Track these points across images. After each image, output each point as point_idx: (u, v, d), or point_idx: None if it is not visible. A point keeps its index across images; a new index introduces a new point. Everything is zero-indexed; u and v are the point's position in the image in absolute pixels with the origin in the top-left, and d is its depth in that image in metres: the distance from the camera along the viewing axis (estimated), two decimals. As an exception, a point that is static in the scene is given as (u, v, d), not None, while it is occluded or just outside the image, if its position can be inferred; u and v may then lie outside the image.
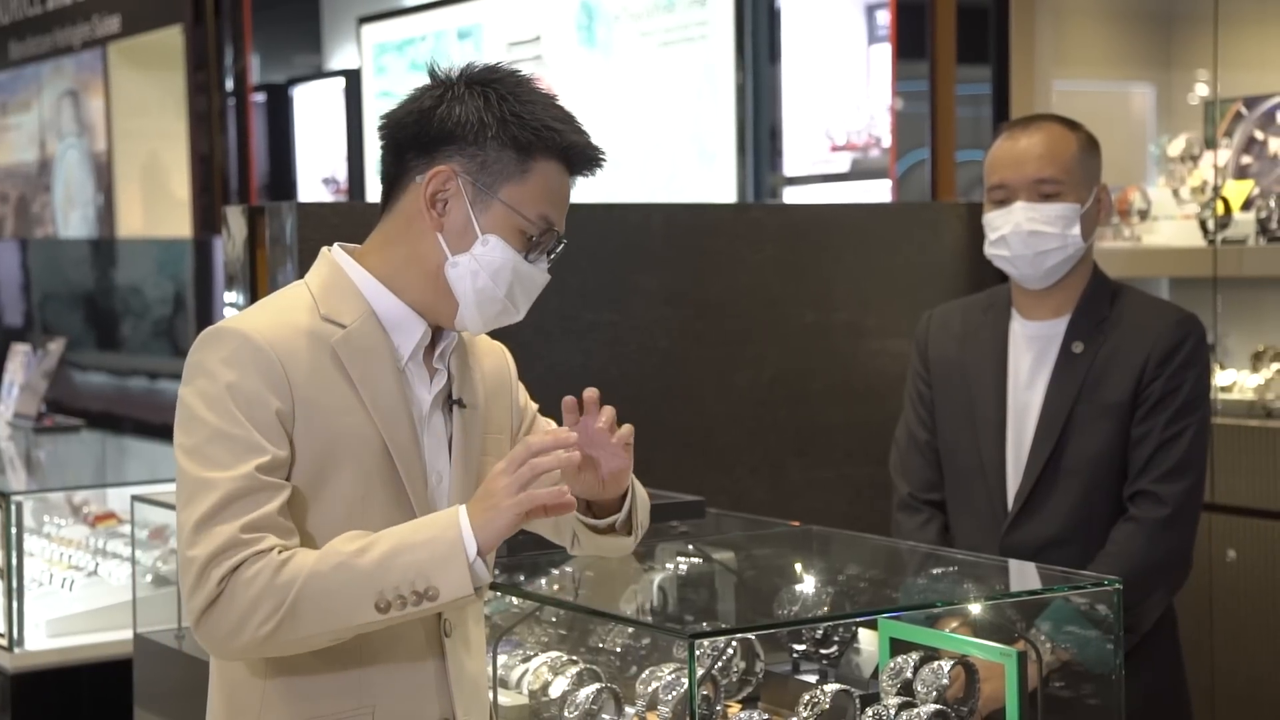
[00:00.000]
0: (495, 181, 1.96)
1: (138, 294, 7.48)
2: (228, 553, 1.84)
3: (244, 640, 1.84)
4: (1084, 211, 2.79)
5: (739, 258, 3.73)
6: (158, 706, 3.29)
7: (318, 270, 2.03)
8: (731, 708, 2.40)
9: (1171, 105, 5.01)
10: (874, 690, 2.39)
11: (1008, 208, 2.79)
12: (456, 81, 1.98)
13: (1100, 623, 2.32)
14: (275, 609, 1.83)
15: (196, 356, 1.94)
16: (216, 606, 1.84)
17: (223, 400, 1.89)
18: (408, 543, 1.86)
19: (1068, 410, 2.77)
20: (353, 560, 1.84)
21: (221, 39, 7.32)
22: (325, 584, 1.83)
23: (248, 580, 1.83)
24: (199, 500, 1.87)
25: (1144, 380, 2.75)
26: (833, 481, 3.84)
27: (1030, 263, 2.79)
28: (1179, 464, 2.72)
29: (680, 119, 5.70)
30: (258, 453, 1.88)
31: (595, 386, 1.99)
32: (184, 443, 1.92)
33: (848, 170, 5.28)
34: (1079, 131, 2.86)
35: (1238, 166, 4.73)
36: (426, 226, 1.97)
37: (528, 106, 1.96)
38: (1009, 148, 2.82)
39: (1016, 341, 2.87)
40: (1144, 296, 2.91)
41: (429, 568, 1.85)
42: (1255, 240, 4.31)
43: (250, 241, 3.34)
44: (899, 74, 4.94)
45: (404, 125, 1.99)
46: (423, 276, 1.98)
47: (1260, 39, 4.71)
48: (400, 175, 2.00)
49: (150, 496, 3.62)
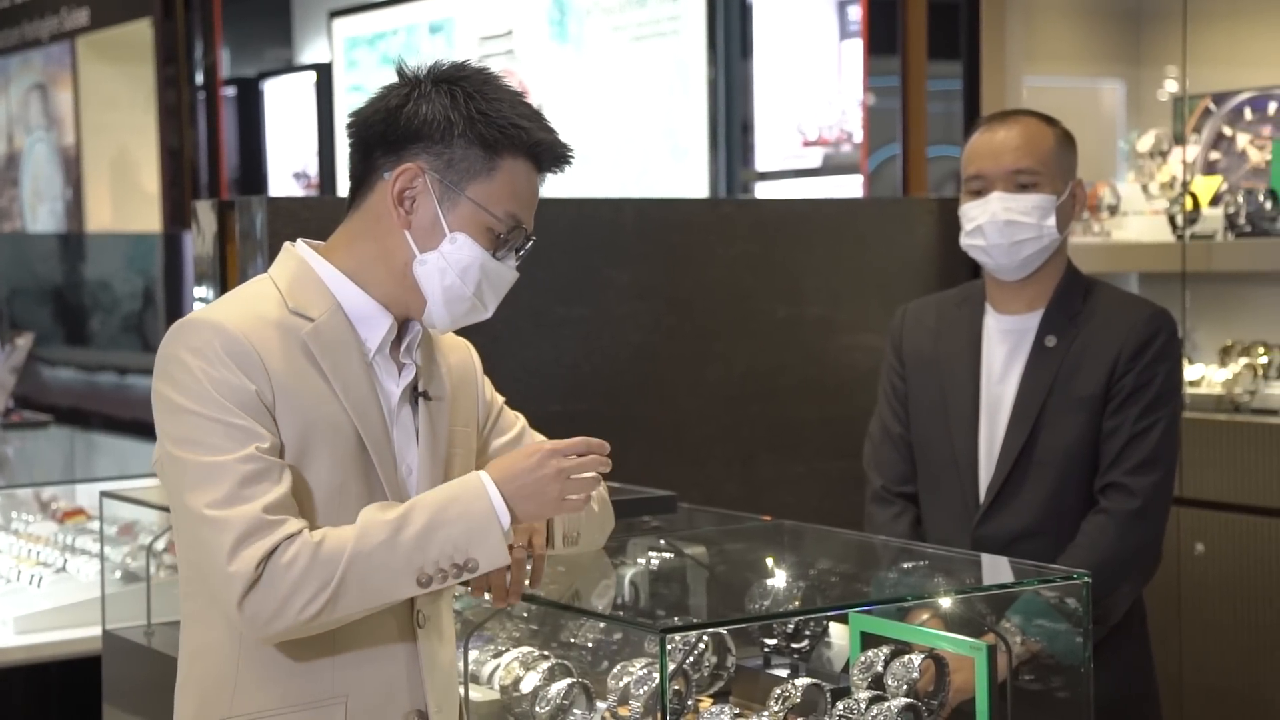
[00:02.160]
0: (462, 179, 1.97)
1: (107, 289, 7.44)
2: (256, 535, 1.84)
3: (287, 622, 1.85)
4: (1059, 204, 2.82)
5: (711, 253, 3.73)
6: (127, 703, 3.28)
7: (283, 264, 2.03)
8: (703, 702, 2.40)
9: (1141, 101, 5.03)
10: (845, 684, 2.40)
11: (984, 198, 2.81)
12: (424, 79, 1.99)
13: (1069, 616, 2.33)
14: (320, 590, 1.84)
15: (170, 349, 1.93)
16: (257, 590, 1.83)
17: (204, 390, 1.89)
18: (442, 517, 1.88)
19: (1040, 403, 2.79)
20: (393, 538, 1.86)
21: (191, 32, 7.28)
22: (368, 563, 1.85)
23: (287, 563, 1.84)
24: (208, 486, 1.86)
25: (1116, 374, 2.77)
26: (804, 476, 3.84)
27: (1006, 252, 2.80)
28: (1149, 457, 2.74)
29: (652, 114, 5.70)
30: (254, 436, 1.88)
31: (566, 381, 2.01)
32: (174, 433, 1.90)
33: (819, 165, 5.29)
34: (1056, 126, 2.88)
35: (1206, 162, 4.76)
36: (394, 224, 1.98)
37: (494, 104, 1.97)
38: (987, 139, 2.84)
39: (990, 335, 2.89)
40: (1117, 291, 2.93)
41: (465, 541, 1.88)
42: (1223, 236, 4.34)
43: (220, 236, 3.33)
44: (870, 69, 4.95)
45: (371, 123, 2.00)
46: (390, 273, 1.99)
47: (1229, 36, 4.74)
48: (368, 173, 2.01)
49: (119, 492, 3.60)
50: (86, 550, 3.99)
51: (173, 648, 3.11)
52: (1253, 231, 4.27)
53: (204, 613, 1.97)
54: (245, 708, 1.95)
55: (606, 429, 3.61)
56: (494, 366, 2.22)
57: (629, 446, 3.62)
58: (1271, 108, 4.63)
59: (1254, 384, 4.28)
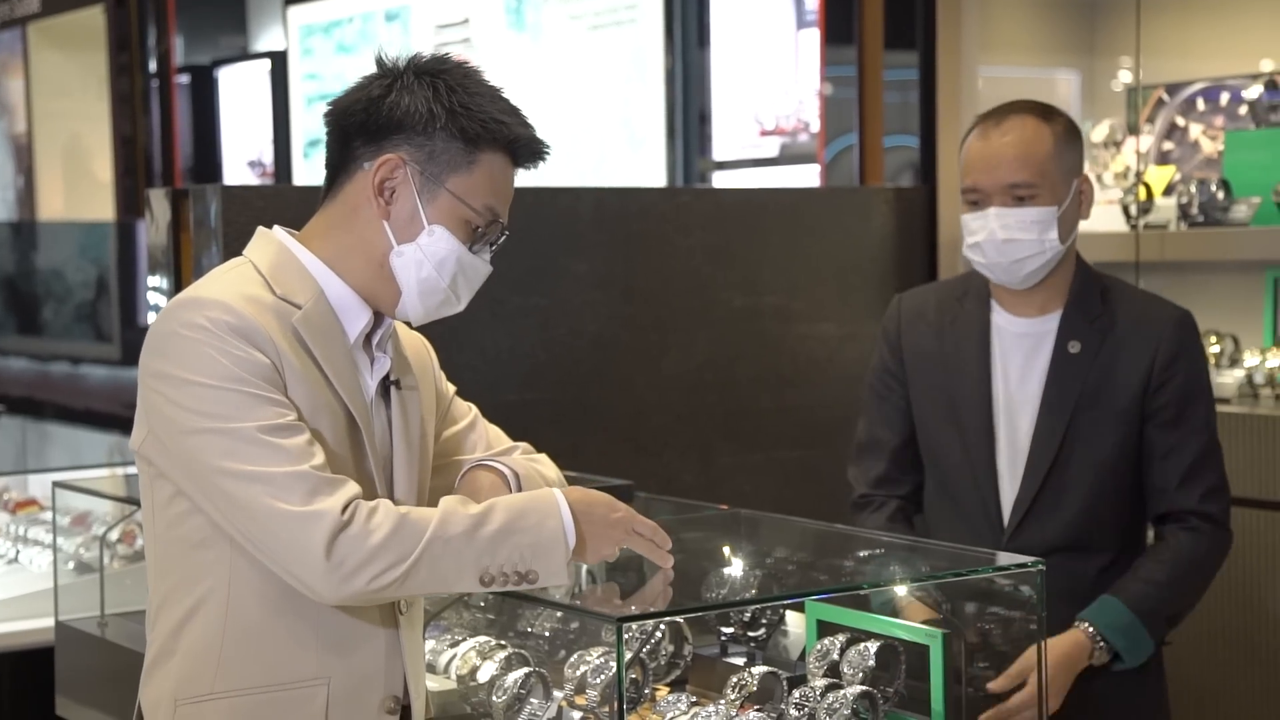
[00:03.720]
0: (443, 172, 1.97)
1: (59, 278, 7.38)
2: (326, 488, 1.84)
3: (361, 583, 1.84)
4: (1062, 212, 2.66)
5: (668, 242, 3.74)
6: (80, 694, 3.26)
7: (262, 249, 2.01)
8: (660, 691, 2.41)
9: (1095, 91, 5.06)
10: (801, 672, 2.41)
11: (982, 211, 2.66)
12: (405, 71, 1.99)
13: (1023, 603, 2.34)
14: (397, 562, 1.84)
15: (170, 326, 1.90)
16: (344, 538, 1.82)
17: (220, 363, 1.86)
18: (518, 524, 1.91)
19: (1068, 416, 2.66)
20: (472, 531, 1.88)
21: (144, 19, 7.23)
22: (445, 549, 1.87)
23: (375, 524, 1.83)
24: (248, 452, 1.84)
25: (1151, 387, 2.66)
26: (761, 465, 3.85)
27: (1006, 270, 2.67)
28: (1218, 483, 2.68)
29: (609, 103, 5.69)
30: (279, 404, 1.87)
31: (523, 371, 2.01)
32: (190, 408, 1.86)
33: (776, 155, 5.30)
34: (1055, 122, 2.70)
35: (1159, 152, 4.79)
36: (373, 214, 1.98)
37: (476, 99, 1.98)
38: (981, 148, 2.68)
39: (1003, 338, 2.73)
40: (1136, 292, 2.80)
41: (532, 553, 1.91)
42: (1176, 225, 4.37)
43: (174, 225, 3.31)
44: (827, 59, 4.96)
45: (351, 113, 2.00)
46: (367, 264, 1.99)
47: (1182, 26, 4.77)
48: (347, 162, 2.00)
49: (72, 483, 3.57)
50: (39, 541, 3.97)
51: (126, 638, 3.10)
52: (1205, 221, 4.31)
53: (187, 589, 1.94)
54: (228, 685, 1.94)
55: (563, 418, 3.62)
56: (451, 356, 2.22)
57: (586, 436, 3.63)
58: (1224, 98, 4.66)
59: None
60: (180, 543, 1.93)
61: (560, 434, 3.57)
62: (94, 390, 6.85)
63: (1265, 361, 4.21)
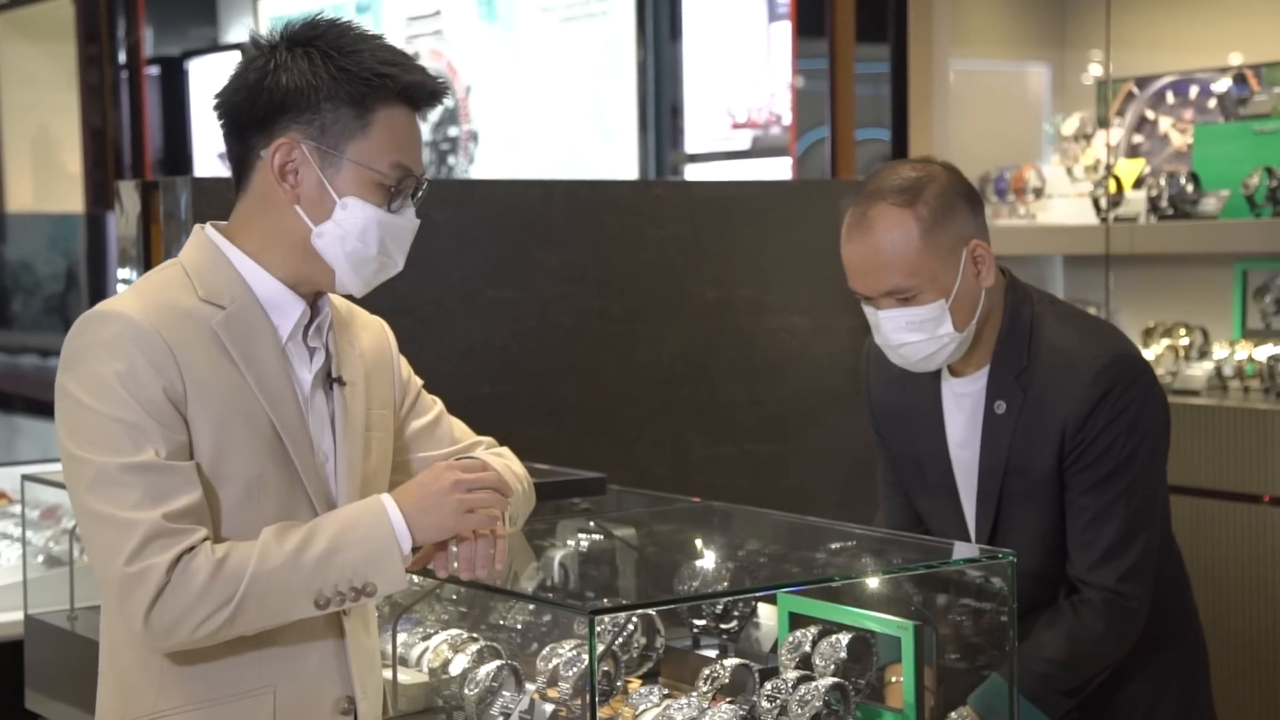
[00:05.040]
0: (339, 141, 1.92)
1: (28, 270, 7.34)
2: (159, 540, 1.81)
3: (184, 635, 1.83)
4: (954, 297, 2.41)
5: (640, 235, 3.73)
6: (49, 688, 3.24)
7: (193, 250, 1.98)
8: (632, 683, 2.41)
9: (1065, 85, 5.08)
10: (773, 664, 2.41)
11: (873, 310, 2.45)
12: (278, 46, 1.94)
13: (994, 595, 2.35)
14: (220, 606, 1.82)
15: (78, 342, 1.88)
16: (163, 599, 1.81)
17: (111, 388, 1.84)
18: (343, 541, 1.86)
19: (999, 483, 2.50)
20: (293, 559, 1.84)
21: (113, 10, 7.18)
22: (268, 584, 1.83)
23: (190, 575, 1.81)
24: (110, 487, 1.83)
25: (1066, 450, 2.44)
26: (734, 458, 3.86)
27: (913, 367, 2.49)
28: (1114, 544, 2.43)
29: (581, 95, 5.69)
30: (156, 439, 1.84)
31: (496, 363, 1.99)
32: (76, 431, 1.86)
33: (749, 148, 5.30)
34: (919, 204, 2.40)
35: (1129, 145, 4.81)
36: (283, 201, 1.94)
37: (353, 57, 1.92)
38: (850, 253, 2.44)
39: (948, 398, 2.57)
40: (1060, 334, 2.49)
41: (365, 566, 1.87)
42: (1146, 218, 4.39)
43: (144, 217, 3.29)
44: (799, 52, 4.96)
45: (235, 103, 1.95)
46: (291, 251, 1.95)
47: (1151, 20, 4.79)
48: (245, 154, 1.96)
49: (41, 476, 3.55)
50: (8, 534, 3.94)
51: (96, 632, 3.08)
52: (1175, 214, 4.33)
53: None
54: (171, 702, 1.92)
55: (536, 411, 3.62)
56: (423, 348, 2.21)
57: (558, 428, 3.62)
58: (1193, 91, 4.69)
59: (1176, 365, 4.34)
60: (93, 567, 1.89)
61: (533, 427, 3.56)
62: (63, 383, 6.79)
63: (1234, 354, 4.23)
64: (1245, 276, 4.44)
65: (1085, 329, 2.51)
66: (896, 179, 2.43)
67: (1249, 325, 4.43)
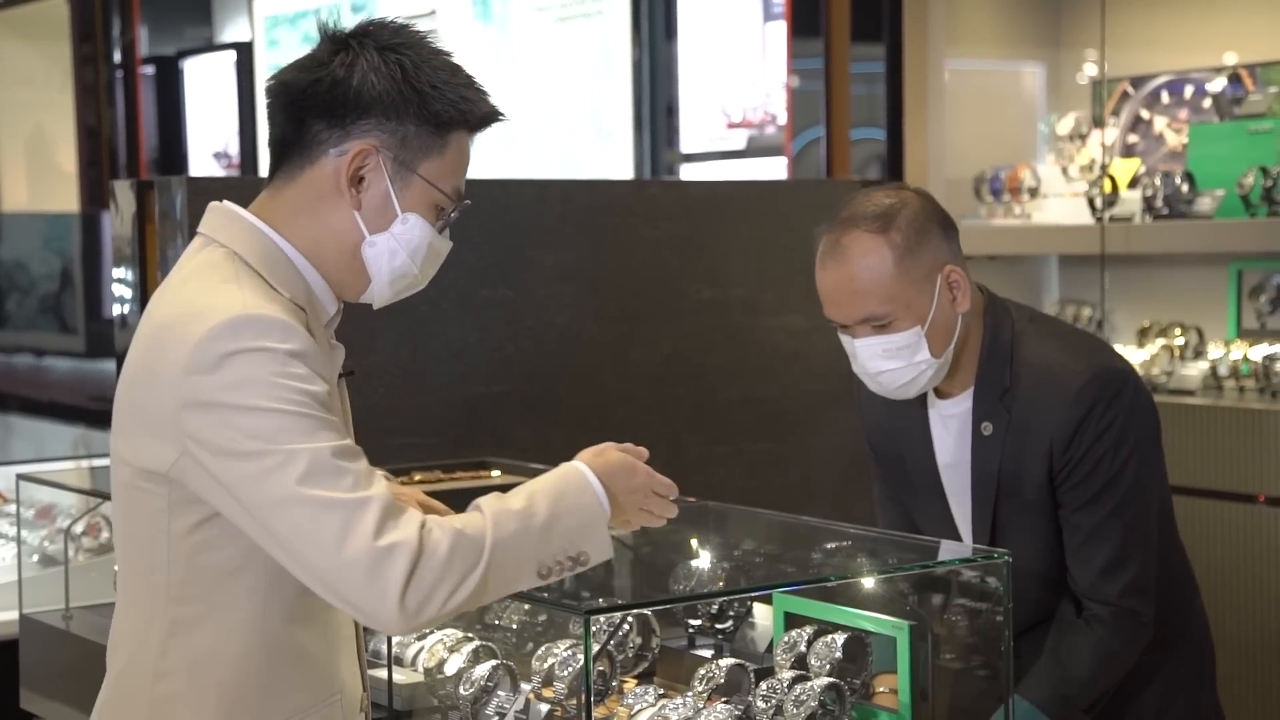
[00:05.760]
0: (415, 157, 1.89)
1: (23, 269, 7.34)
2: (397, 516, 1.73)
3: (433, 610, 1.73)
4: (930, 324, 2.39)
5: (636, 234, 3.74)
6: (45, 688, 3.24)
7: (247, 239, 1.89)
8: (628, 683, 2.41)
9: (1060, 84, 5.09)
10: (769, 664, 2.42)
11: (849, 339, 2.45)
12: (365, 47, 1.88)
13: (990, 595, 2.35)
14: (464, 576, 1.73)
15: (230, 346, 1.75)
16: (417, 572, 1.71)
17: (280, 387, 1.75)
18: (559, 509, 1.82)
19: (992, 505, 2.49)
20: (524, 527, 1.78)
21: (108, 10, 7.18)
22: (504, 554, 1.76)
23: (434, 546, 1.72)
24: (321, 477, 1.72)
25: (1054, 467, 2.43)
26: (729, 457, 3.86)
27: (893, 394, 2.48)
28: (1110, 562, 2.41)
29: (577, 95, 5.69)
30: (339, 426, 1.78)
31: (491, 363, 1.97)
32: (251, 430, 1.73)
33: (744, 147, 5.30)
34: (892, 231, 2.39)
35: (1124, 145, 4.82)
36: (342, 203, 1.89)
37: (441, 75, 1.89)
38: (824, 281, 2.45)
39: (935, 420, 2.55)
40: (1045, 348, 2.47)
41: (579, 534, 1.82)
42: (1141, 218, 4.39)
43: (139, 216, 3.29)
44: (794, 51, 4.97)
45: (310, 93, 1.87)
46: (339, 254, 1.90)
47: (1146, 20, 4.80)
48: (306, 145, 1.89)
49: (36, 475, 3.55)
50: (2, 534, 3.94)
51: (91, 631, 3.08)
52: (1170, 214, 4.33)
53: (213, 618, 1.83)
54: (280, 712, 1.86)
55: (531, 410, 3.62)
56: (418, 348, 2.20)
57: (553, 428, 3.62)
58: (1188, 91, 4.69)
59: (1171, 365, 4.34)
60: (209, 570, 1.82)
61: (527, 426, 3.56)
62: (58, 382, 6.80)
63: (1229, 353, 4.24)
64: (1240, 276, 4.45)
65: (1066, 345, 2.49)
66: (870, 206, 2.43)
67: (1244, 325, 4.44)
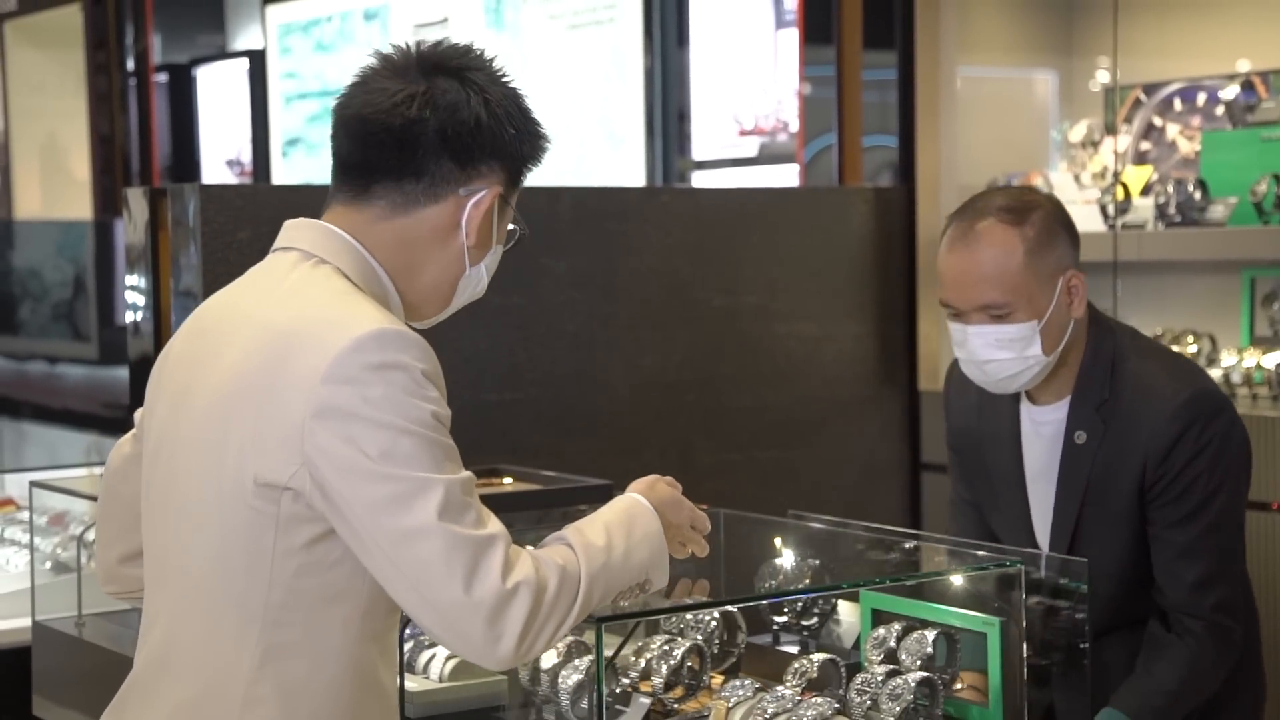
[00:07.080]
0: (512, 194, 1.96)
1: (36, 277, 7.36)
2: (516, 556, 1.73)
3: (541, 646, 1.75)
4: (1045, 321, 2.46)
5: (647, 241, 3.74)
6: (57, 695, 3.25)
7: (349, 258, 1.87)
8: (715, 678, 2.43)
9: (1073, 91, 5.08)
10: (855, 660, 2.44)
11: (961, 325, 2.50)
12: (486, 89, 1.91)
13: (1069, 595, 2.36)
14: (566, 613, 1.75)
15: (373, 359, 1.74)
16: (534, 612, 1.71)
17: (416, 409, 1.74)
18: (632, 541, 1.85)
19: (1075, 514, 2.53)
20: (607, 561, 1.81)
21: (122, 18, 7.20)
22: (596, 586, 1.79)
23: (543, 583, 1.73)
24: (455, 511, 1.71)
25: (1146, 482, 2.46)
26: (740, 464, 3.86)
27: (996, 385, 2.52)
28: (1201, 578, 2.44)
29: (588, 102, 5.69)
30: (459, 461, 1.78)
31: (503, 370, 1.99)
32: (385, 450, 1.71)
33: (756, 154, 5.30)
34: (1027, 224, 2.48)
35: (1137, 152, 4.81)
36: (457, 237, 1.90)
37: (529, 116, 1.96)
38: (950, 264, 2.48)
39: (1027, 427, 2.60)
40: (1146, 369, 2.52)
41: (648, 563, 1.87)
42: (1154, 225, 4.39)
43: (152, 224, 3.29)
44: (806, 59, 4.97)
45: (454, 134, 1.87)
46: (438, 284, 1.92)
47: (1159, 27, 4.79)
48: (419, 176, 1.87)
49: (49, 482, 3.56)
50: (16, 541, 3.95)
51: (103, 638, 3.09)
52: (1182, 221, 4.32)
53: (308, 645, 1.80)
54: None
55: (542, 418, 3.62)
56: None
57: (565, 435, 3.62)
58: (1201, 98, 4.68)
59: (1183, 372, 4.33)
60: (308, 595, 1.78)
61: (539, 433, 3.57)
62: (71, 390, 6.82)
63: (1242, 361, 4.23)
64: (1253, 284, 4.44)
65: (1167, 365, 2.55)
66: (1005, 199, 2.51)
67: (1257, 332, 4.42)
